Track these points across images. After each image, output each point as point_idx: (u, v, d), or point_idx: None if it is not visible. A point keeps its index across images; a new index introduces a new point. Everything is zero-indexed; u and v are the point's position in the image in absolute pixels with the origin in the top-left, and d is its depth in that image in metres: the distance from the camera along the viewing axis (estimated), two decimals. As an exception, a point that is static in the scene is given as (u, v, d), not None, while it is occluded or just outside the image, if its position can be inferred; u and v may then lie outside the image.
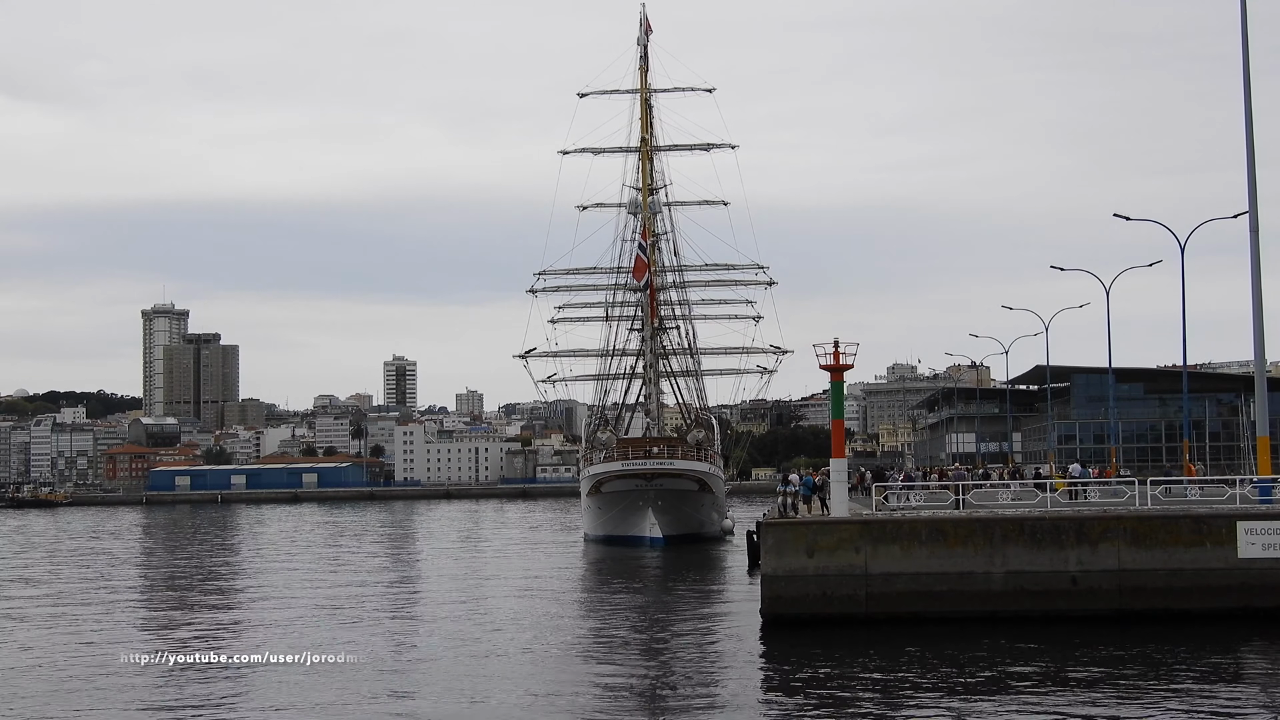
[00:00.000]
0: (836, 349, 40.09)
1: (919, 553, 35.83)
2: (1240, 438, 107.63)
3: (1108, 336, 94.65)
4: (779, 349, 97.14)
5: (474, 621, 40.42)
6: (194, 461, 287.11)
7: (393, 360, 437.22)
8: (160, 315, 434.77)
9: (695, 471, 77.58)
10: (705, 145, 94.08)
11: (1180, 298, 53.65)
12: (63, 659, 33.87)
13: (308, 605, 45.81)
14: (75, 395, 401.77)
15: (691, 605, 44.48)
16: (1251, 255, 41.78)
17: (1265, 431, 47.71)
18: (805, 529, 36.89)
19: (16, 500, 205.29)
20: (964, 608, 35.39)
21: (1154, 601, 35.22)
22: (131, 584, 58.87)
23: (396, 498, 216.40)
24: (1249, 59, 41.73)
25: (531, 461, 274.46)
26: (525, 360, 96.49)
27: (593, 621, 41.37)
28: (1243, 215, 45.73)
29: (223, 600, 49.52)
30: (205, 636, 38.00)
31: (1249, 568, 35.19)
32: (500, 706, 26.95)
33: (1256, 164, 41.91)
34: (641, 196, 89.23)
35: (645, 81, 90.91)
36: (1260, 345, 42.24)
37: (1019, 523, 36.57)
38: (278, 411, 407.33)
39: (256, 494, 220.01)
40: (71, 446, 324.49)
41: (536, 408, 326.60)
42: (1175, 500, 42.02)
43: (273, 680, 29.82)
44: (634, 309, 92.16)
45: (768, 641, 34.53)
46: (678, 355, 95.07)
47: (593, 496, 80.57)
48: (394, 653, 34.05)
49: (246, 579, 59.74)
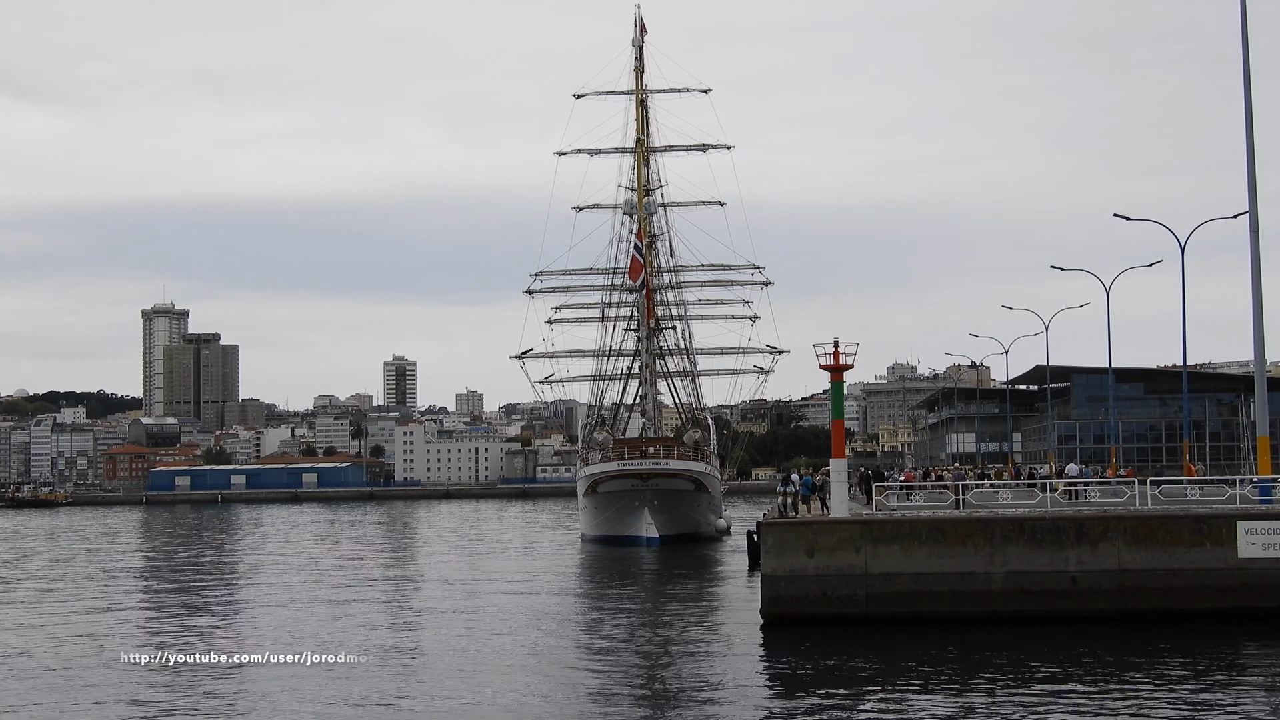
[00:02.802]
0: (836, 349, 40.09)
1: (919, 553, 35.82)
2: (1240, 438, 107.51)
3: (1108, 336, 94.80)
4: (775, 349, 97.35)
5: (473, 621, 40.40)
6: (194, 461, 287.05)
7: (393, 360, 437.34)
8: (160, 315, 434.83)
9: (691, 471, 77.60)
10: (701, 146, 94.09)
11: (1180, 298, 53.72)
12: (63, 659, 33.85)
13: (308, 605, 45.80)
14: (75, 395, 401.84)
15: (691, 605, 44.47)
16: (1251, 255, 41.77)
17: (1265, 431, 47.70)
18: (805, 529, 36.88)
19: (16, 500, 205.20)
20: (964, 608, 35.37)
21: (1154, 601, 35.21)
22: (131, 584, 58.86)
23: (396, 498, 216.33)
24: (1249, 59, 41.73)
25: (531, 461, 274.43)
26: (522, 361, 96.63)
27: (592, 622, 41.35)
28: (1243, 215, 45.74)
29: (223, 600, 49.48)
30: (205, 636, 37.99)
31: (1249, 568, 35.18)
32: (500, 706, 26.92)
33: (1256, 164, 41.92)
34: (637, 197, 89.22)
35: (641, 82, 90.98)
36: (1260, 345, 42.22)
37: (1019, 523, 36.56)
38: (278, 411, 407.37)
39: (256, 494, 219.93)
40: (71, 446, 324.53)
41: (537, 408, 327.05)
42: (1175, 500, 41.99)
43: (273, 680, 29.80)
44: (630, 309, 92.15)
45: (768, 641, 34.54)
46: (674, 356, 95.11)
47: (589, 497, 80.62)
48: (393, 653, 34.04)
49: (246, 579, 59.74)
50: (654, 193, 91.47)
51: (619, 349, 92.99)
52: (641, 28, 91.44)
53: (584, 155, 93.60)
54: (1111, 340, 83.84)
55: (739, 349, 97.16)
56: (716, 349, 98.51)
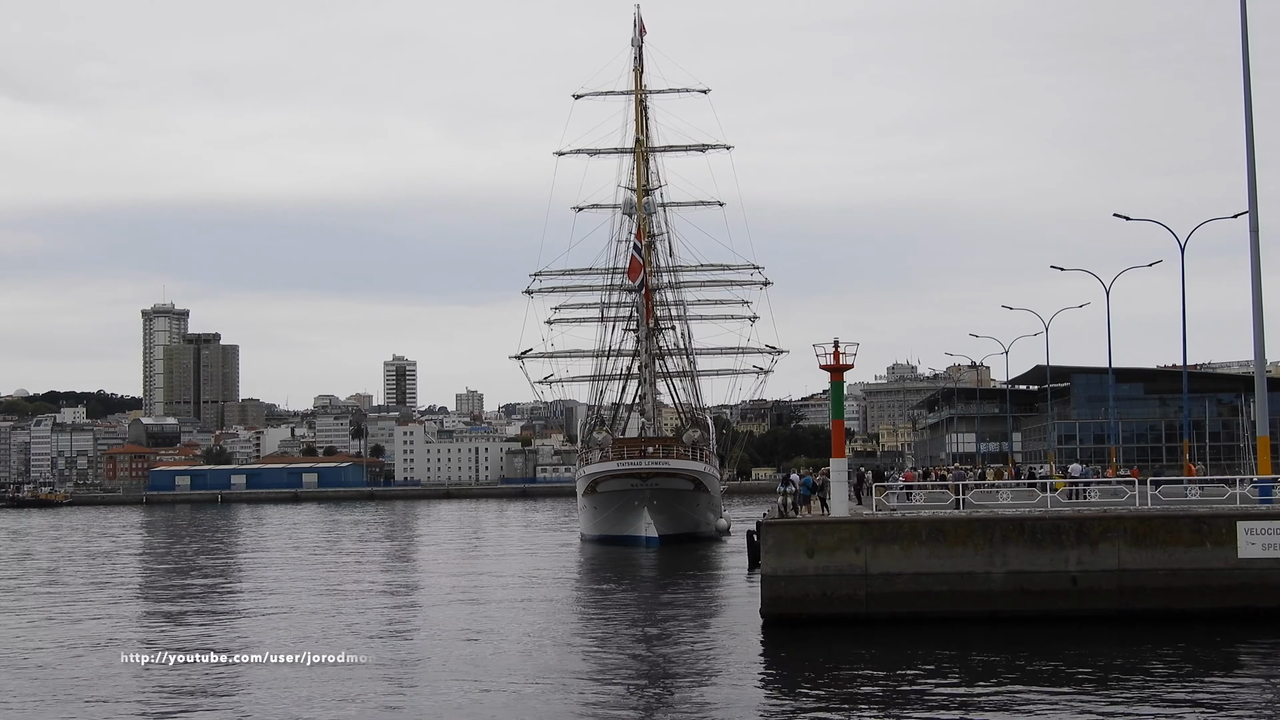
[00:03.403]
0: (836, 349, 40.07)
1: (919, 553, 35.81)
2: (1240, 438, 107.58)
3: (1108, 336, 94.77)
4: (774, 349, 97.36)
5: (472, 621, 40.38)
6: (194, 461, 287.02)
7: (393, 360, 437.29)
8: (160, 315, 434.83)
9: (690, 471, 77.60)
10: (700, 146, 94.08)
11: (1180, 298, 53.69)
12: (63, 659, 33.85)
13: (308, 605, 45.79)
14: (75, 395, 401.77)
15: (691, 605, 44.46)
16: (1251, 255, 41.76)
17: (1265, 431, 47.67)
18: (805, 529, 36.87)
19: (16, 500, 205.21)
20: (964, 608, 35.36)
21: (1154, 601, 35.19)
22: (131, 584, 58.81)
23: (396, 498, 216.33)
24: (1249, 60, 41.73)
25: (531, 461, 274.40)
26: (521, 361, 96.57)
27: (592, 622, 41.36)
28: (1243, 215, 45.73)
29: (223, 600, 49.48)
30: (205, 636, 37.98)
31: (1249, 568, 35.15)
32: (499, 706, 26.91)
33: (1256, 164, 41.90)
34: (637, 197, 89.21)
35: (640, 83, 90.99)
36: (1260, 345, 42.21)
37: (1019, 523, 36.54)
38: (278, 411, 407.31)
39: (256, 494, 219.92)
40: (71, 446, 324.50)
41: (537, 408, 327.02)
42: (1175, 500, 41.98)
43: (273, 680, 29.79)
44: (629, 310, 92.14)
45: (768, 641, 34.53)
46: (673, 356, 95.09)
47: (588, 496, 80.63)
48: (393, 652, 34.04)
49: (246, 579, 59.73)
50: (653, 193, 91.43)
51: (618, 349, 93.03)
52: (641, 28, 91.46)
53: (583, 155, 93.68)
54: (1111, 340, 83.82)
55: (738, 349, 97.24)
56: (715, 349, 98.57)
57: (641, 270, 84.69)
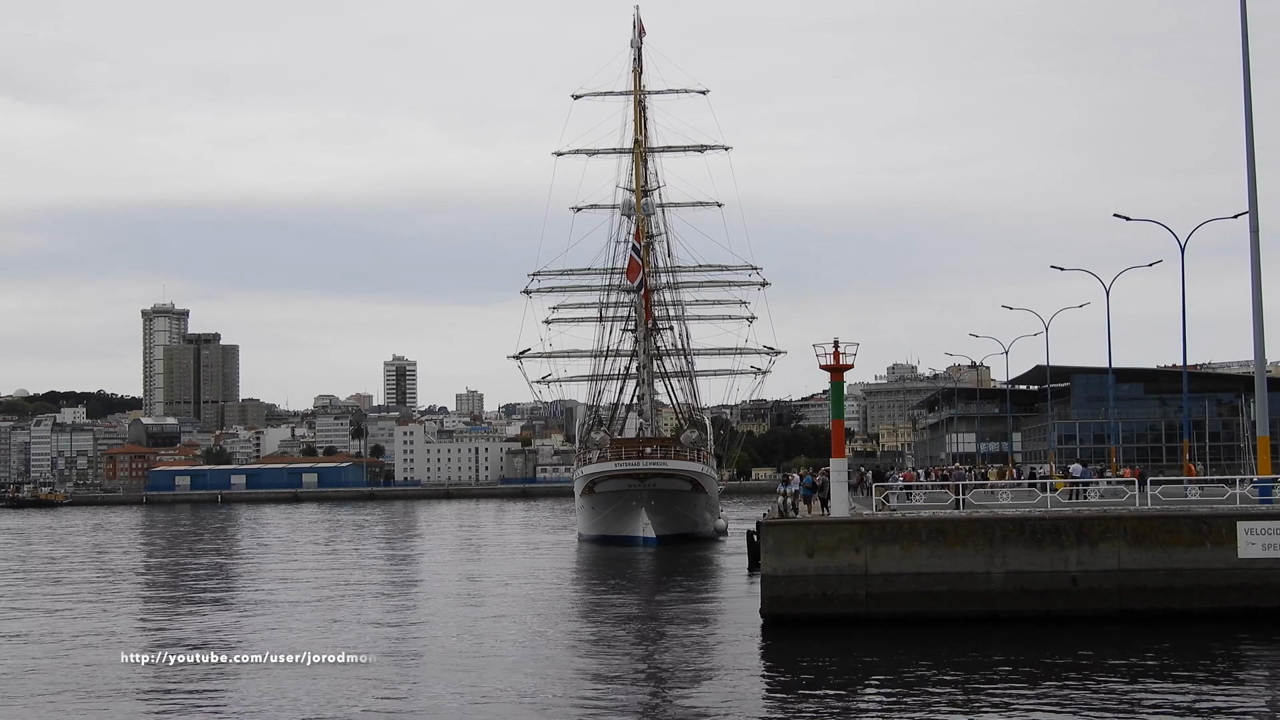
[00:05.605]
0: (836, 349, 40.06)
1: (919, 553, 35.81)
2: (1240, 438, 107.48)
3: (1108, 336, 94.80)
4: (772, 350, 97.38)
5: (472, 621, 40.39)
6: (194, 461, 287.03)
7: (393, 360, 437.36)
8: (160, 315, 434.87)
9: (688, 471, 77.60)
10: (699, 147, 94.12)
11: (1180, 298, 53.72)
12: (63, 659, 33.84)
13: (308, 605, 45.78)
14: (75, 395, 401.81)
15: (691, 605, 44.46)
16: (1251, 255, 41.77)
17: (1265, 431, 47.65)
18: (805, 529, 36.87)
19: (16, 500, 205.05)
20: (964, 608, 35.36)
21: (1154, 601, 35.19)
22: (131, 584, 58.80)
23: (396, 498, 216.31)
24: (1249, 60, 41.74)
25: (531, 461, 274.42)
26: (520, 361, 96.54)
27: (592, 622, 41.32)
28: (1243, 215, 45.73)
29: (223, 600, 49.45)
30: (205, 636, 37.95)
31: (1249, 568, 35.16)
32: (499, 707, 26.89)
33: (1256, 164, 41.94)
34: (635, 198, 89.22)
35: (639, 83, 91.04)
36: (1260, 345, 42.21)
37: (1019, 523, 36.53)
38: (278, 411, 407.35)
39: (256, 494, 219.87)
40: (71, 446, 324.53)
41: (536, 408, 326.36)
42: (1175, 500, 41.98)
43: (273, 680, 29.78)
44: (628, 310, 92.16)
45: (768, 641, 34.53)
46: (671, 356, 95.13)
47: (586, 496, 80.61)
48: (393, 652, 34.02)
49: (246, 578, 59.71)
50: (652, 193, 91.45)
51: (616, 349, 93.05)
52: (640, 29, 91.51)
53: (582, 156, 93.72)
54: (1111, 340, 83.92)
55: (736, 350, 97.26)
56: (713, 349, 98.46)
57: (640, 271, 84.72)
